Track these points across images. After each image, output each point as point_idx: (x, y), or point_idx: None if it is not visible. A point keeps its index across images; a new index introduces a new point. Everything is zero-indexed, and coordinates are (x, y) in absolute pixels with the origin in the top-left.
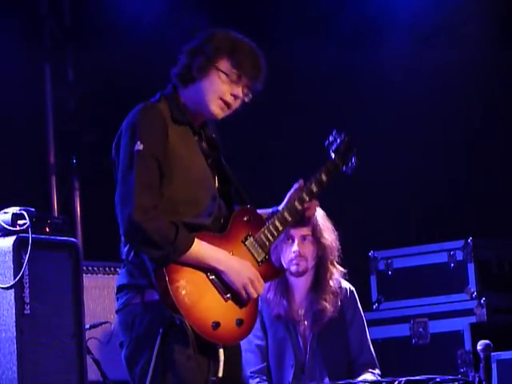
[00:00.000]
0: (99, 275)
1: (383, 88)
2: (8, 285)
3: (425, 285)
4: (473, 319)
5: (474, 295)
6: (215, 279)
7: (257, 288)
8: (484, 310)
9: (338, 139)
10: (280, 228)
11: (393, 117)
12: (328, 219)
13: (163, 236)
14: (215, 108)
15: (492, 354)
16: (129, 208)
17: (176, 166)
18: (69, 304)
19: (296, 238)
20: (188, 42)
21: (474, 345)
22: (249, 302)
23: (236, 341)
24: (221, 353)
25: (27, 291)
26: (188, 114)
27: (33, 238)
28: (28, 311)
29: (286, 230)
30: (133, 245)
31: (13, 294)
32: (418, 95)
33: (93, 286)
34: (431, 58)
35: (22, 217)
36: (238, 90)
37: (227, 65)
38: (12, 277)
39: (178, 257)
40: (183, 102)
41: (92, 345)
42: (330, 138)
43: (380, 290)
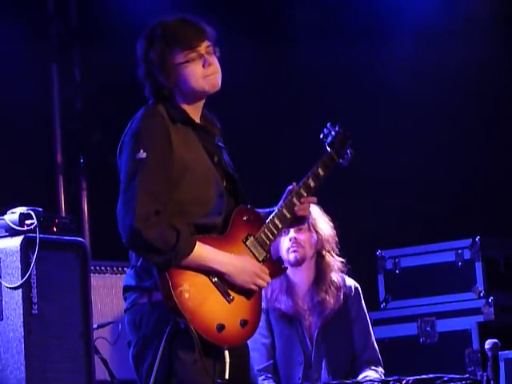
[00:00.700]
0: (107, 275)
1: (390, 87)
2: (16, 285)
3: (432, 284)
4: (480, 318)
5: (482, 294)
6: (218, 281)
7: (264, 278)
8: (492, 309)
9: (333, 132)
10: (280, 226)
11: (400, 116)
12: (324, 213)
13: (164, 241)
14: (207, 86)
15: (500, 353)
16: (129, 216)
17: (181, 169)
18: (76, 304)
19: (292, 229)
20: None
21: (482, 344)
22: (253, 301)
23: (241, 342)
24: (226, 355)
25: (35, 291)
26: (185, 112)
27: (40, 238)
28: (36, 311)
29: None
30: (135, 252)
31: (20, 294)
32: (425, 95)
33: (100, 286)
34: (438, 59)
35: (30, 217)
36: (206, 59)
37: (180, 55)
38: (20, 277)
39: (180, 261)
40: (177, 102)
41: (100, 344)
42: (325, 131)
43: (387, 289)
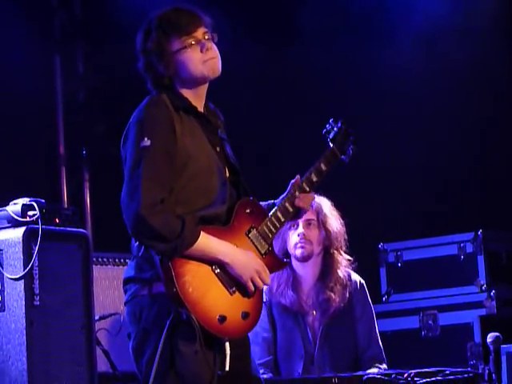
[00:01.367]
0: (109, 266)
1: (393, 87)
2: (18, 276)
3: (434, 277)
4: (482, 312)
5: (484, 288)
6: (220, 272)
7: (264, 279)
8: (494, 303)
9: (335, 128)
10: (282, 219)
11: (403, 114)
12: (334, 209)
13: (170, 229)
14: (206, 71)
15: (502, 347)
16: (135, 203)
17: (185, 157)
18: (78, 295)
19: (301, 222)
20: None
21: (484, 337)
22: (254, 294)
23: (242, 334)
24: (227, 346)
25: (37, 282)
26: (187, 100)
27: (43, 229)
28: (37, 302)
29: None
30: (140, 239)
31: (22, 285)
32: (428, 94)
33: (102, 277)
34: (442, 59)
35: (32, 208)
36: (204, 44)
37: (178, 42)
38: (22, 268)
39: (185, 250)
40: (179, 90)
41: (101, 336)
42: (327, 127)
43: (390, 283)
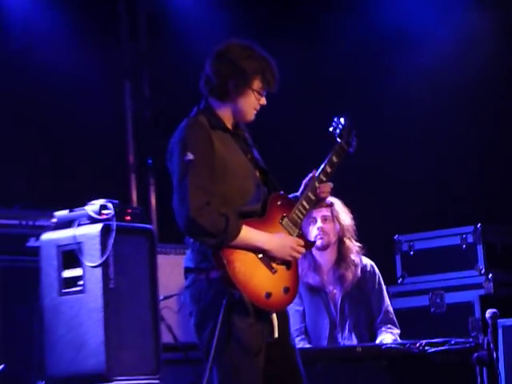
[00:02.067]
0: (171, 255)
1: (406, 92)
2: (96, 263)
3: (441, 263)
4: (482, 292)
5: (483, 272)
6: (263, 257)
7: (299, 250)
8: (491, 284)
9: (340, 125)
10: (307, 207)
11: (415, 119)
12: (345, 206)
13: (216, 226)
14: (250, 117)
15: (498, 321)
16: (185, 208)
17: (223, 166)
18: (146, 279)
19: (318, 218)
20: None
21: (483, 313)
22: (292, 269)
23: (285, 306)
24: (274, 318)
25: (112, 269)
26: (222, 121)
27: (116, 225)
28: (112, 285)
29: (310, 213)
30: (192, 237)
31: (100, 272)
32: (438, 99)
33: (166, 264)
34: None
35: (107, 207)
36: (264, 99)
37: (259, 85)
38: (99, 257)
39: (230, 241)
40: (217, 112)
41: (165, 313)
42: (333, 124)
43: (404, 268)
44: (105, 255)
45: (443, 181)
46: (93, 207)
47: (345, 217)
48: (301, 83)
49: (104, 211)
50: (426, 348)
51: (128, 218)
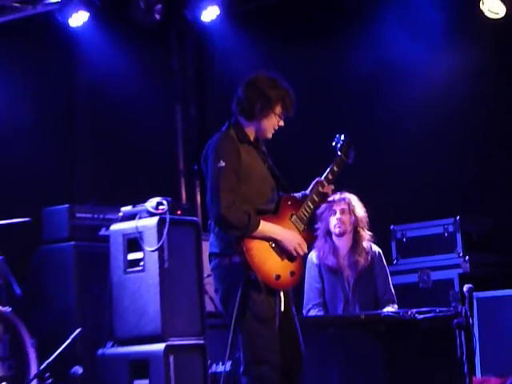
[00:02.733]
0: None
1: (397, 105)
2: (153, 248)
3: (427, 248)
4: (460, 271)
5: (461, 255)
6: (275, 246)
7: (303, 248)
8: (467, 265)
9: (341, 141)
10: (311, 206)
11: (406, 127)
12: (359, 201)
13: (241, 221)
14: (269, 135)
15: (473, 294)
16: (217, 206)
17: (248, 172)
18: (193, 261)
19: (337, 211)
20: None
21: (461, 288)
22: (297, 259)
23: (291, 286)
24: (281, 295)
25: (166, 252)
26: (248, 137)
27: (169, 218)
28: (166, 266)
29: (329, 206)
30: (221, 229)
31: (157, 255)
32: (425, 110)
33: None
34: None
35: (163, 204)
36: (282, 122)
37: (280, 110)
38: (156, 243)
39: (251, 233)
40: (245, 129)
41: (208, 288)
42: (335, 140)
43: (398, 251)
44: (160, 242)
45: (428, 181)
46: (151, 204)
47: (359, 210)
48: (312, 100)
49: (160, 207)
50: (416, 315)
51: (179, 213)
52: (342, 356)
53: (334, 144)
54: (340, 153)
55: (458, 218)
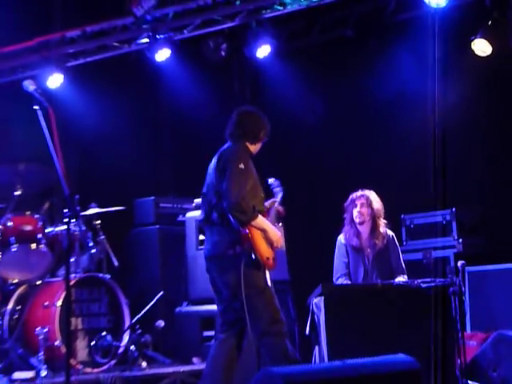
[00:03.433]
0: None
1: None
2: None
3: (430, 232)
4: (455, 250)
5: (455, 238)
6: (264, 236)
7: (281, 242)
8: (461, 246)
9: (274, 183)
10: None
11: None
12: (377, 196)
13: (249, 210)
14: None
15: (466, 268)
16: (237, 195)
17: (254, 180)
18: None
19: (358, 204)
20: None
21: (456, 263)
22: (274, 249)
23: (272, 268)
24: (268, 273)
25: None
26: (252, 153)
27: None
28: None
29: (352, 200)
30: (235, 215)
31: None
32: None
33: None
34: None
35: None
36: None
37: (263, 136)
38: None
39: (252, 221)
40: (249, 147)
41: None
42: (272, 185)
43: (407, 235)
44: None
45: (430, 181)
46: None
47: (376, 204)
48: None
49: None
50: (421, 284)
51: None
52: (362, 316)
53: (271, 187)
54: (275, 193)
55: (454, 210)
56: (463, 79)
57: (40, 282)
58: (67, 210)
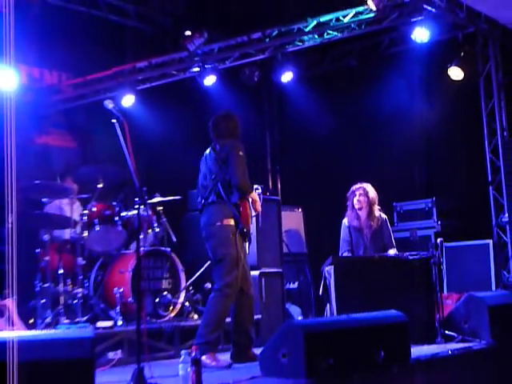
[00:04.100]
0: (287, 212)
1: (392, 135)
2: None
3: (415, 216)
4: (435, 230)
5: (435, 221)
6: (253, 203)
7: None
8: (439, 227)
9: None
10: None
11: (406, 138)
12: (372, 187)
13: (249, 187)
14: None
15: (444, 244)
16: (241, 175)
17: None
18: (275, 222)
19: (357, 193)
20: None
21: (436, 240)
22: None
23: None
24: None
25: (260, 218)
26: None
27: (262, 197)
28: (260, 225)
29: (353, 191)
30: (241, 190)
31: (255, 219)
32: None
33: (284, 216)
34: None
35: (258, 188)
36: None
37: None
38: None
39: (250, 195)
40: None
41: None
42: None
43: (397, 218)
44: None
45: (417, 176)
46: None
47: (371, 193)
48: (348, 129)
49: (257, 190)
50: (409, 256)
51: (267, 194)
52: (363, 281)
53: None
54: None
55: (434, 199)
56: (442, 98)
57: (117, 254)
58: (137, 199)
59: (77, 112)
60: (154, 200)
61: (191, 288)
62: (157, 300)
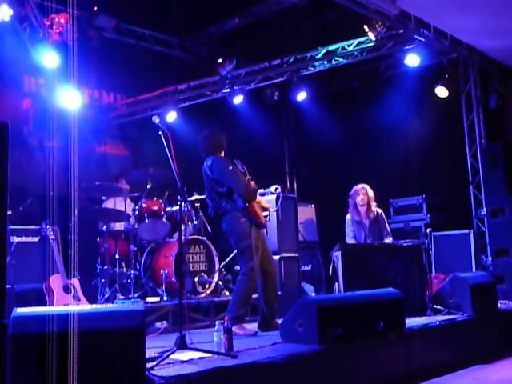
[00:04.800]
0: (301, 207)
1: (388, 145)
2: (274, 210)
3: (408, 211)
4: (425, 222)
5: (425, 214)
6: (259, 208)
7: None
8: (429, 219)
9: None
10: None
11: (399, 143)
12: (370, 187)
13: (253, 194)
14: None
15: (432, 234)
16: (243, 189)
17: (238, 170)
18: (292, 217)
19: (360, 193)
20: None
21: (426, 230)
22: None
23: (265, 222)
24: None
25: (280, 212)
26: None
27: (281, 195)
28: (280, 218)
29: (356, 191)
30: (247, 200)
31: (275, 213)
32: (405, 147)
33: (300, 210)
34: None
35: (278, 188)
36: None
37: (225, 144)
38: (275, 207)
39: (256, 199)
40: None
41: (300, 228)
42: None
43: (393, 212)
44: (277, 207)
45: (409, 176)
46: (272, 188)
47: (370, 192)
48: (351, 139)
49: (277, 190)
50: (403, 244)
51: (286, 192)
52: (365, 264)
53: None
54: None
55: (424, 196)
56: (430, 112)
57: (162, 242)
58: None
59: (129, 126)
60: (193, 198)
61: (223, 270)
62: (195, 279)
